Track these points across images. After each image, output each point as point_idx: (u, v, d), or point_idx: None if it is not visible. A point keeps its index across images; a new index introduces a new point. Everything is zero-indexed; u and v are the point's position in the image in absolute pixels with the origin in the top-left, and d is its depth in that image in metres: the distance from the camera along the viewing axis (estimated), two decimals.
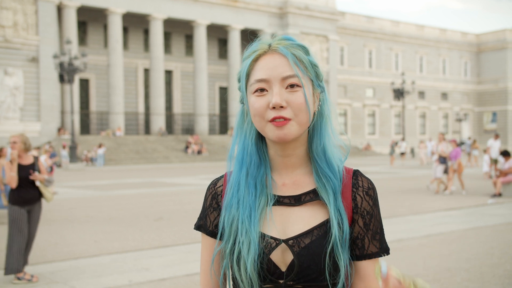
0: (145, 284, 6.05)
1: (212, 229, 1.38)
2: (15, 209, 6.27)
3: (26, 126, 36.49)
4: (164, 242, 8.54)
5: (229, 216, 1.32)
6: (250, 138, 1.35)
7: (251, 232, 1.27)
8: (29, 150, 6.54)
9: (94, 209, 12.96)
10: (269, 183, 1.34)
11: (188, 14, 44.30)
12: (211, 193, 1.41)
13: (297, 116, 1.26)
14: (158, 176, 24.20)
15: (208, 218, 1.40)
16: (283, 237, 1.28)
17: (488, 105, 68.38)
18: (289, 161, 1.34)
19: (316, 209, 1.32)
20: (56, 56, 32.69)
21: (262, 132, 1.29)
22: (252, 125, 1.35)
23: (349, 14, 57.74)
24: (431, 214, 11.46)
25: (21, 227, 6.23)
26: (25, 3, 36.99)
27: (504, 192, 14.64)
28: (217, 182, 1.42)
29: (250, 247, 1.26)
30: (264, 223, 1.30)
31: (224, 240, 1.33)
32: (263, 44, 1.32)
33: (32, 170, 6.45)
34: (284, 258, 1.27)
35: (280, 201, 1.33)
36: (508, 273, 6.23)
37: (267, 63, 1.28)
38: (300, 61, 1.30)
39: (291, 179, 1.35)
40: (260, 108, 1.26)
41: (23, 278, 6.14)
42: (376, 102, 59.38)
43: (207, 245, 1.39)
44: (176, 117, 48.33)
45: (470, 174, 23.45)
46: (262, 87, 1.27)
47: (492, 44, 67.74)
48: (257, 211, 1.30)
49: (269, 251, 1.27)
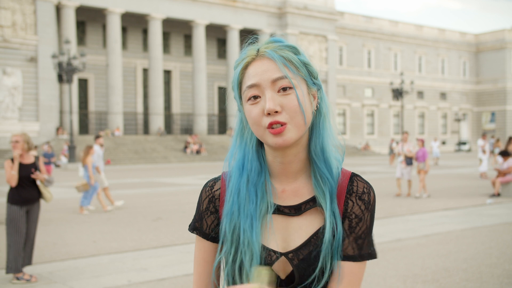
0: (144, 284, 6.05)
1: (209, 232, 1.37)
2: (14, 209, 6.26)
3: (25, 126, 36.46)
4: (163, 242, 8.53)
5: (230, 224, 1.31)
6: (251, 145, 1.34)
7: (253, 243, 1.27)
8: (31, 150, 6.54)
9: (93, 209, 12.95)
10: (268, 189, 1.33)
11: (187, 14, 44.28)
12: (208, 196, 1.39)
13: (293, 119, 1.24)
14: (157, 176, 24.19)
15: (204, 221, 1.38)
16: (282, 249, 1.29)
17: (487, 105, 68.43)
18: (290, 167, 1.32)
19: (314, 215, 1.32)
20: (54, 56, 32.66)
21: (262, 139, 1.28)
22: (252, 132, 1.34)
23: (348, 14, 57.75)
24: (429, 214, 11.47)
25: (18, 226, 6.22)
26: (24, 3, 36.96)
27: (502, 192, 14.65)
28: (214, 184, 1.40)
29: (253, 259, 1.27)
30: (264, 232, 1.30)
31: (225, 247, 1.32)
32: (252, 50, 1.31)
33: (34, 169, 6.46)
34: (284, 267, 1.29)
35: (280, 210, 1.32)
36: (506, 273, 6.24)
37: (256, 69, 1.27)
38: (290, 61, 1.27)
39: (291, 185, 1.34)
40: (256, 116, 1.25)
41: (21, 278, 6.14)
42: (375, 102, 59.40)
43: (202, 247, 1.38)
44: (175, 117, 48.32)
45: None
46: (254, 93, 1.26)
47: (490, 44, 67.80)
48: (258, 220, 1.30)
49: (270, 263, 1.28)
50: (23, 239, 6.26)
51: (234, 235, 1.30)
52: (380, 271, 6.38)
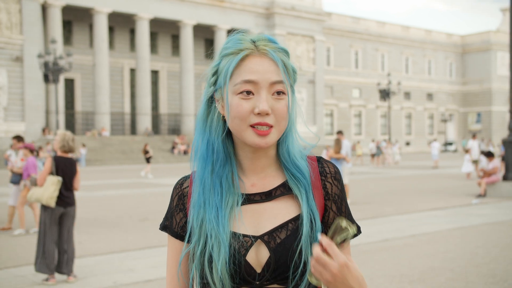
0: (130, 286, 6.00)
1: (178, 231, 1.35)
2: (48, 211, 6.18)
3: (10, 126, 36.11)
4: (150, 243, 8.48)
5: (197, 217, 1.29)
6: (217, 135, 1.31)
7: (220, 232, 1.24)
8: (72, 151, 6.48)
9: (79, 210, 12.78)
10: (236, 182, 1.31)
11: (175, 14, 44.16)
12: (178, 193, 1.38)
13: (279, 124, 1.25)
14: (144, 177, 24.09)
15: (174, 218, 1.36)
16: (256, 233, 1.26)
17: (473, 106, 69.04)
18: (260, 162, 1.32)
19: (289, 203, 1.30)
20: (40, 56, 32.38)
21: (238, 134, 1.26)
22: (220, 121, 1.31)
23: (336, 14, 57.95)
24: (417, 214, 11.52)
25: (48, 229, 6.14)
26: (9, 2, 36.59)
27: (488, 192, 14.76)
28: (183, 182, 1.39)
29: (220, 248, 1.23)
30: (234, 223, 1.27)
31: (193, 241, 1.29)
32: (247, 43, 1.28)
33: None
34: (259, 258, 1.24)
35: (250, 199, 1.30)
36: (492, 272, 6.28)
37: (256, 65, 1.25)
38: (286, 67, 1.28)
39: (260, 179, 1.33)
40: (243, 111, 1.23)
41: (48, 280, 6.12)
42: (362, 102, 59.66)
43: (173, 247, 1.36)
44: (163, 117, 48.16)
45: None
46: (249, 89, 1.24)
47: (476, 45, 68.41)
48: (225, 210, 1.27)
49: (245, 251, 1.24)
50: (55, 242, 6.24)
51: (202, 228, 1.27)
52: (368, 271, 6.39)
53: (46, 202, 6.08)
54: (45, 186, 6.13)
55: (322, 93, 52.60)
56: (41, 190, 6.13)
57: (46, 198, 6.06)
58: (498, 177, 14.88)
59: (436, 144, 31.43)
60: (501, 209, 12.25)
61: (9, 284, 6.13)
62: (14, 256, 7.73)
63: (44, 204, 6.12)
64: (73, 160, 6.51)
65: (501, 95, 66.85)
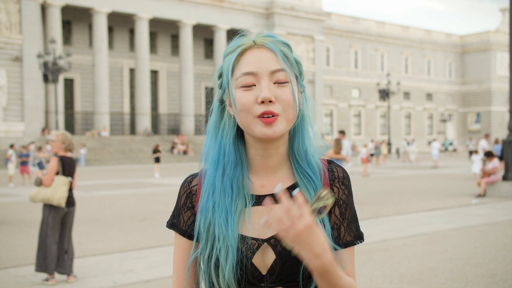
0: (129, 286, 6.00)
1: (186, 229, 1.34)
2: (54, 211, 6.16)
3: (10, 126, 36.09)
4: (149, 243, 8.49)
5: (205, 221, 1.28)
6: (228, 137, 1.31)
7: (229, 237, 1.23)
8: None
9: (78, 210, 12.80)
10: (246, 184, 1.30)
11: (174, 14, 44.14)
12: (186, 191, 1.37)
13: (285, 112, 1.24)
14: (143, 177, 24.09)
15: (181, 217, 1.36)
16: (263, 236, 1.25)
17: (472, 106, 69.03)
18: (270, 161, 1.31)
19: None
20: (40, 56, 32.37)
21: (247, 128, 1.26)
22: (231, 123, 1.31)
23: (335, 14, 57.92)
24: (415, 214, 11.53)
25: (51, 229, 6.13)
26: (8, 2, 36.56)
27: (488, 192, 14.77)
28: (192, 180, 1.38)
29: (228, 253, 1.22)
30: (243, 226, 1.27)
31: (200, 245, 1.29)
32: (247, 40, 1.30)
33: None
34: (265, 260, 1.24)
35: (259, 201, 1.29)
36: (491, 272, 6.28)
37: (254, 57, 1.26)
38: (287, 57, 1.29)
39: (270, 180, 1.32)
40: (247, 102, 1.23)
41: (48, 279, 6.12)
42: (361, 102, 59.65)
43: (180, 245, 1.35)
44: (162, 117, 48.14)
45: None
46: (249, 81, 1.24)
47: (476, 45, 68.40)
48: (234, 214, 1.26)
49: (251, 254, 1.23)
50: (56, 242, 6.25)
51: (210, 232, 1.27)
52: (366, 271, 6.39)
53: (58, 203, 5.99)
54: (54, 186, 6.03)
55: (321, 93, 52.58)
56: (49, 190, 6.02)
57: (58, 198, 5.98)
58: (497, 177, 14.90)
59: (436, 144, 31.46)
60: (500, 209, 12.26)
61: (9, 284, 6.14)
62: (14, 256, 7.73)
63: (55, 204, 6.02)
64: (73, 159, 6.52)
65: (500, 95, 66.88)
